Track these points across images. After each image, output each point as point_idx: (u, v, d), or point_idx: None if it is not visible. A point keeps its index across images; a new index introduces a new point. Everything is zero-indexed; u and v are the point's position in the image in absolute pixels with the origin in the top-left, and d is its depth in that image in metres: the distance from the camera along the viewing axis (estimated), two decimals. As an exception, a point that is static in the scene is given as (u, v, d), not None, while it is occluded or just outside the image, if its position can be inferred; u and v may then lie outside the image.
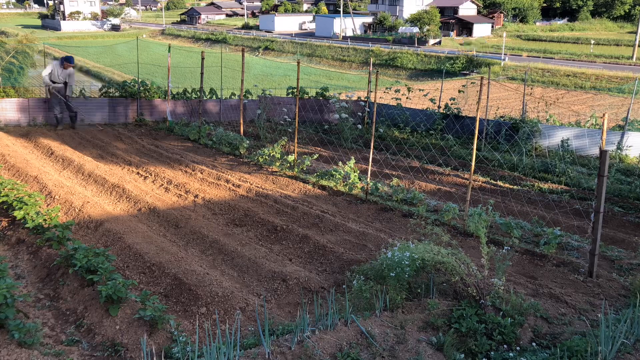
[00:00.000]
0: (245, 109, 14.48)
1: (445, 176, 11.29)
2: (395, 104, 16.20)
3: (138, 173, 10.17)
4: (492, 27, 73.05)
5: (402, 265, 5.02)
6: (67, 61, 13.54)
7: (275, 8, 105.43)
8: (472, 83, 16.41)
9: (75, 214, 7.54)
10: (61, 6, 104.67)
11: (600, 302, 5.40)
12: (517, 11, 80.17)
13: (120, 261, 6.25)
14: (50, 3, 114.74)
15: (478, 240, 6.33)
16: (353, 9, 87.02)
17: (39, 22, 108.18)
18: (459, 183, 10.88)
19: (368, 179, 9.30)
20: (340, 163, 9.95)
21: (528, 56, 53.74)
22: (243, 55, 13.08)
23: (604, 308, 5.02)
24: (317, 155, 11.45)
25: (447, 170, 11.55)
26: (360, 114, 15.99)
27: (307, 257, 6.72)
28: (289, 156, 10.73)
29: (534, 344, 4.45)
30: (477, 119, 7.88)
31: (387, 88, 17.65)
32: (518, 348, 4.35)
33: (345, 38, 71.67)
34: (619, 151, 13.26)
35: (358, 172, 9.65)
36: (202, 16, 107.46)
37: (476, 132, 7.77)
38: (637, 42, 51.09)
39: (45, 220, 6.67)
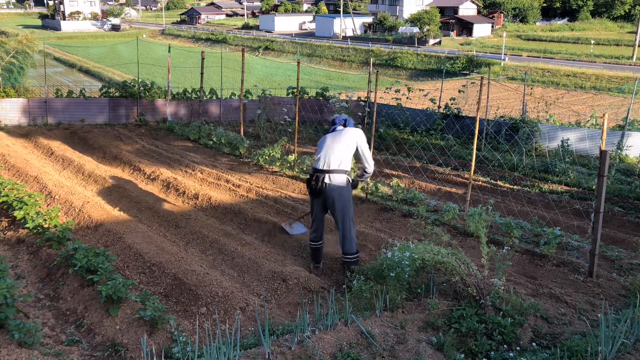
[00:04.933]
0: (245, 109, 14.48)
1: (445, 176, 11.29)
2: (396, 104, 16.20)
3: (138, 173, 10.17)
4: (492, 27, 73.01)
5: (402, 265, 5.02)
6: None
7: (275, 8, 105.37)
8: (472, 83, 16.40)
9: (75, 214, 7.54)
10: (61, 6, 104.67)
11: (600, 302, 5.40)
12: (517, 11, 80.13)
13: (120, 261, 6.24)
14: (50, 3, 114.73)
15: (478, 240, 6.32)
16: (353, 9, 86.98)
17: (39, 22, 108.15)
18: (459, 183, 10.87)
19: (368, 179, 9.30)
20: (340, 163, 9.93)
21: (528, 56, 53.71)
22: (243, 55, 13.08)
23: (604, 308, 5.02)
24: (317, 155, 11.44)
25: (447, 170, 11.55)
26: (360, 114, 15.97)
27: (308, 257, 6.71)
28: (289, 156, 10.73)
29: (534, 344, 4.45)
30: (477, 119, 7.87)
31: (387, 88, 17.64)
32: (518, 348, 4.35)
33: (345, 38, 71.63)
34: (619, 151, 13.26)
35: (358, 172, 9.63)
36: (202, 16, 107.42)
37: (476, 132, 7.77)
38: (637, 42, 51.07)
39: (45, 220, 6.67)
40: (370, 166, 6.32)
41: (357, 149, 6.13)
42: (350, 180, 6.16)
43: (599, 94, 38.01)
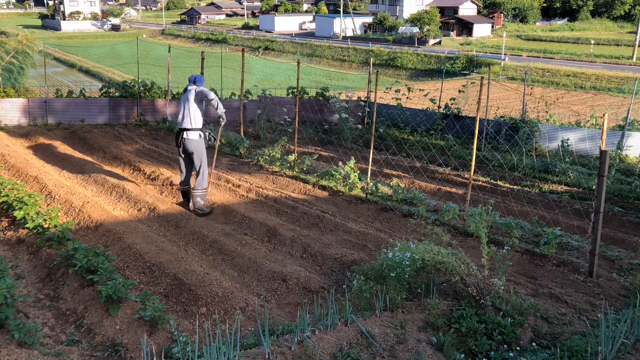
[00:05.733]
0: (245, 109, 14.47)
1: (445, 176, 11.29)
2: (396, 104, 16.19)
3: (138, 173, 10.17)
4: (492, 27, 73.02)
5: (402, 265, 5.02)
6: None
7: (275, 8, 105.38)
8: (472, 83, 16.39)
9: (75, 214, 7.54)
10: (61, 6, 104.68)
11: (600, 302, 5.40)
12: (517, 11, 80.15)
13: (120, 261, 6.25)
14: (50, 3, 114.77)
15: (478, 240, 6.32)
16: (353, 9, 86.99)
17: (39, 22, 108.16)
18: (459, 183, 10.87)
19: (368, 179, 9.30)
20: (340, 163, 9.95)
21: (528, 56, 53.72)
22: (243, 55, 13.07)
23: (604, 308, 5.02)
24: (317, 155, 11.44)
25: (447, 170, 11.54)
26: (360, 114, 15.97)
27: (307, 257, 6.72)
28: (289, 156, 10.73)
29: (534, 344, 4.45)
30: (477, 119, 7.88)
31: (387, 88, 17.63)
32: (518, 348, 4.35)
33: (345, 38, 71.63)
34: (619, 151, 13.25)
35: (358, 172, 9.64)
36: (202, 16, 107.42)
37: (476, 132, 7.77)
38: (637, 42, 51.08)
39: (45, 220, 6.67)
40: (218, 106, 7.95)
41: (205, 100, 7.93)
42: (205, 135, 8.07)
43: (599, 94, 38.01)
